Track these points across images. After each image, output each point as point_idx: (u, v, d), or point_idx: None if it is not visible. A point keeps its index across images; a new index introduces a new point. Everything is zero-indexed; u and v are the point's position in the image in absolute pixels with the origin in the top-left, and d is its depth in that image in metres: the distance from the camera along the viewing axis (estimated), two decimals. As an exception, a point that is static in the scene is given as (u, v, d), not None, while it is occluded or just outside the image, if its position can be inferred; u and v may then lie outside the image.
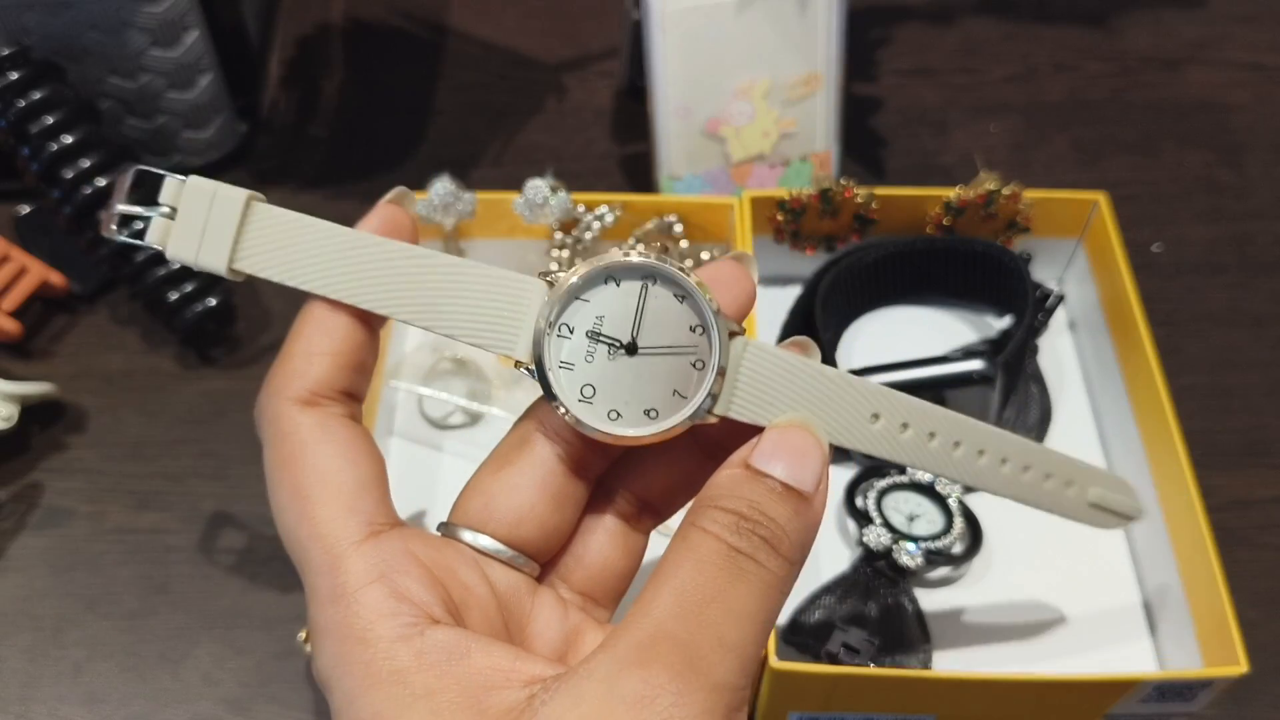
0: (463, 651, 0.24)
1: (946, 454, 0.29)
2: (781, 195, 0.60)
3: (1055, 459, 0.33)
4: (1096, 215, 0.61)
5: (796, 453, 0.26)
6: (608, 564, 0.30)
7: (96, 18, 0.62)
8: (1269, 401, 0.63)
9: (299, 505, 0.26)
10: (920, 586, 0.55)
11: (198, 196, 0.28)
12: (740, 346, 0.27)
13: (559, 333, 0.27)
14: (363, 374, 0.28)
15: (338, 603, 0.25)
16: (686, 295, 0.27)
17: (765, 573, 0.25)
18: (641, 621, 0.24)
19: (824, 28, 0.64)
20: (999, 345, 0.60)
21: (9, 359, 0.64)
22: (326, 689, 0.25)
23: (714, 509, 0.25)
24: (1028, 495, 0.32)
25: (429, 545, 0.27)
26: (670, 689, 0.23)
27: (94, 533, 0.58)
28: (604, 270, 0.27)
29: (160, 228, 0.29)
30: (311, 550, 0.25)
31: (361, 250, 0.28)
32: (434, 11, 0.82)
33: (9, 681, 0.53)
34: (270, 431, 0.27)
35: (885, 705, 0.49)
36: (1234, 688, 0.48)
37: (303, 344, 0.28)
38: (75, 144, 0.60)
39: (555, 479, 0.28)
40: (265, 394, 0.28)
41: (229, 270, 0.28)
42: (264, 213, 0.28)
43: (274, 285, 0.69)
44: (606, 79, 0.78)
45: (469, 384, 0.61)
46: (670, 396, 0.27)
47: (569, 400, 0.27)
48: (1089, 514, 0.35)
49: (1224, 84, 0.79)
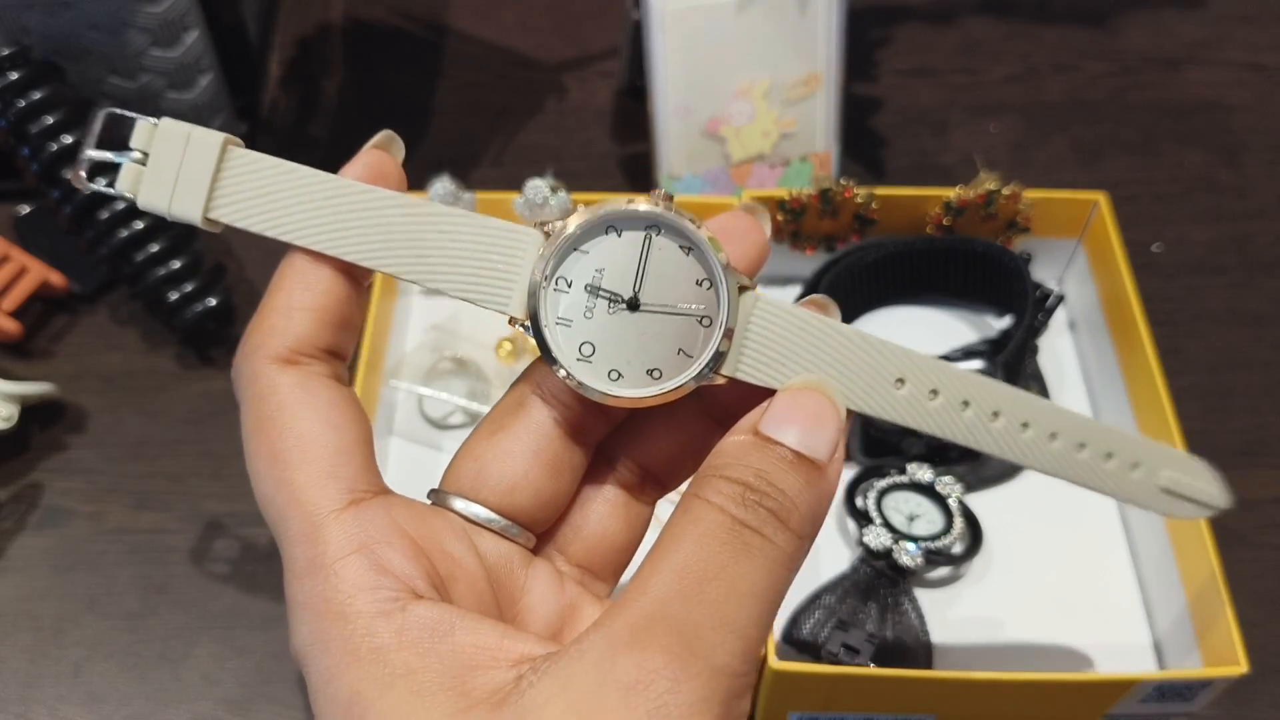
0: (447, 628, 0.23)
1: (983, 425, 0.26)
2: (781, 195, 0.60)
3: (1116, 436, 0.29)
4: (1096, 215, 0.61)
5: (810, 418, 0.24)
6: (607, 535, 0.28)
7: (96, 18, 0.62)
8: (1269, 401, 0.63)
9: (276, 471, 0.24)
10: (920, 586, 0.55)
11: (171, 140, 0.26)
12: (750, 302, 0.25)
13: (556, 286, 0.25)
14: (347, 330, 0.27)
15: (315, 575, 0.23)
16: (693, 247, 0.25)
17: (772, 548, 0.23)
18: (638, 599, 0.23)
19: (824, 28, 0.64)
20: (999, 345, 0.60)
21: (9, 359, 0.64)
22: (304, 665, 0.23)
23: (719, 478, 0.24)
24: (1085, 476, 0.28)
25: (414, 514, 0.25)
26: (667, 673, 0.21)
27: (94, 533, 0.58)
28: (604, 219, 0.25)
29: (131, 174, 0.27)
30: (289, 518, 0.24)
31: (346, 198, 0.26)
32: (434, 11, 0.82)
33: (9, 681, 0.53)
34: (247, 392, 0.26)
35: (885, 705, 0.49)
36: (1234, 688, 0.48)
37: (282, 298, 0.26)
38: (75, 144, 0.60)
39: (551, 444, 0.27)
40: (242, 352, 0.26)
41: (204, 220, 0.27)
42: (241, 158, 0.26)
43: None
44: (606, 79, 0.78)
45: (469, 384, 0.61)
46: (675, 355, 0.25)
47: (567, 359, 0.26)
48: (1162, 500, 0.30)
49: (1224, 84, 0.79)
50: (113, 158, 0.27)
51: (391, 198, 0.26)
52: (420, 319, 0.64)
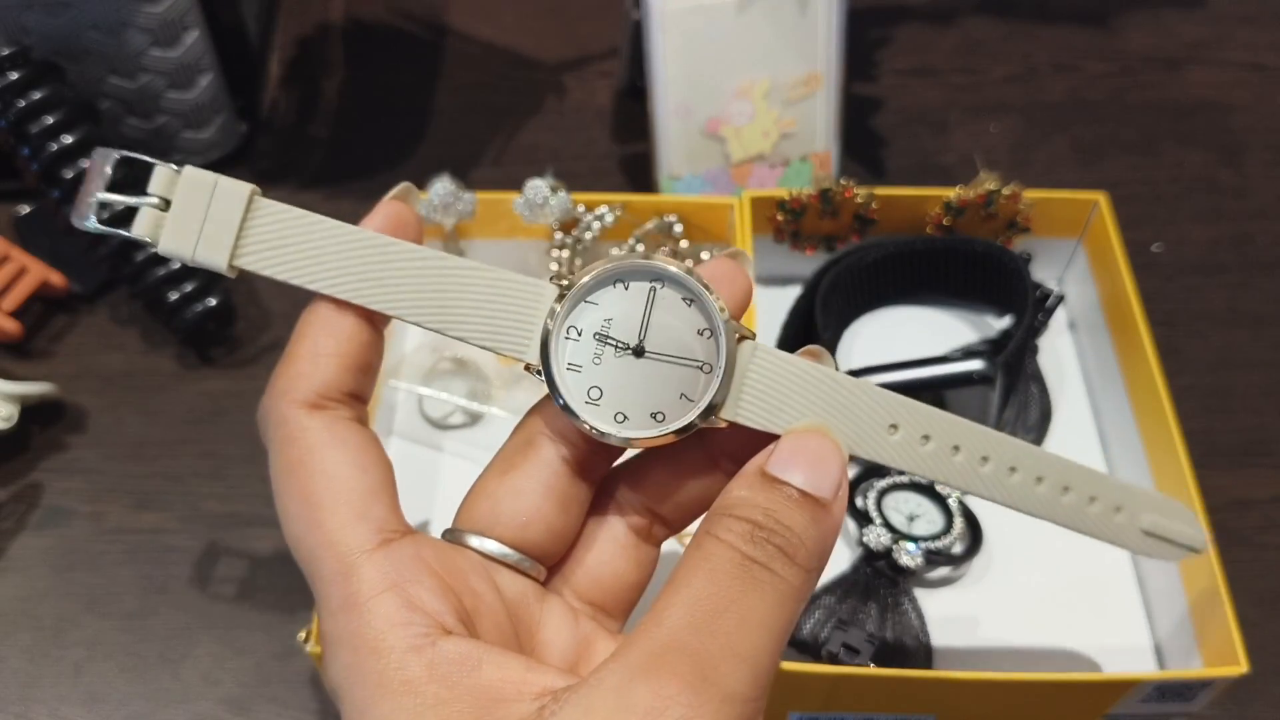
0: (474, 663, 0.24)
1: (973, 470, 0.28)
2: (781, 195, 0.60)
3: (1099, 480, 0.30)
4: (1096, 215, 0.61)
5: (814, 459, 0.25)
6: (618, 576, 0.30)
7: (96, 18, 0.62)
8: (1269, 401, 0.63)
9: (308, 512, 0.26)
10: (920, 586, 0.55)
11: (196, 189, 0.27)
12: (749, 350, 0.27)
13: (567, 335, 0.27)
14: (368, 375, 0.28)
15: (350, 612, 0.24)
16: (694, 299, 0.27)
17: (780, 582, 0.24)
18: (653, 631, 0.24)
19: (824, 28, 0.64)
20: (999, 345, 0.60)
21: (9, 359, 0.64)
22: (337, 698, 0.25)
23: (728, 517, 0.25)
24: (1069, 519, 0.30)
25: (440, 553, 0.26)
26: (681, 700, 0.22)
27: (94, 533, 0.58)
28: (613, 273, 0.27)
29: (150, 220, 0.27)
30: (323, 559, 0.25)
31: (369, 250, 0.27)
32: (434, 11, 0.82)
33: (9, 681, 0.53)
34: (277, 435, 0.27)
35: (885, 705, 0.49)
36: (1234, 688, 0.48)
37: (308, 345, 0.27)
38: (75, 144, 0.60)
39: (560, 482, 0.28)
40: (270, 396, 0.27)
41: (229, 267, 0.27)
42: (267, 208, 0.27)
43: (274, 285, 0.69)
44: (606, 79, 0.78)
45: (469, 384, 0.61)
46: (677, 400, 0.27)
47: (575, 402, 0.27)
48: (1144, 543, 0.32)
49: (1224, 84, 0.79)
50: (130, 202, 0.27)
51: (413, 250, 0.27)
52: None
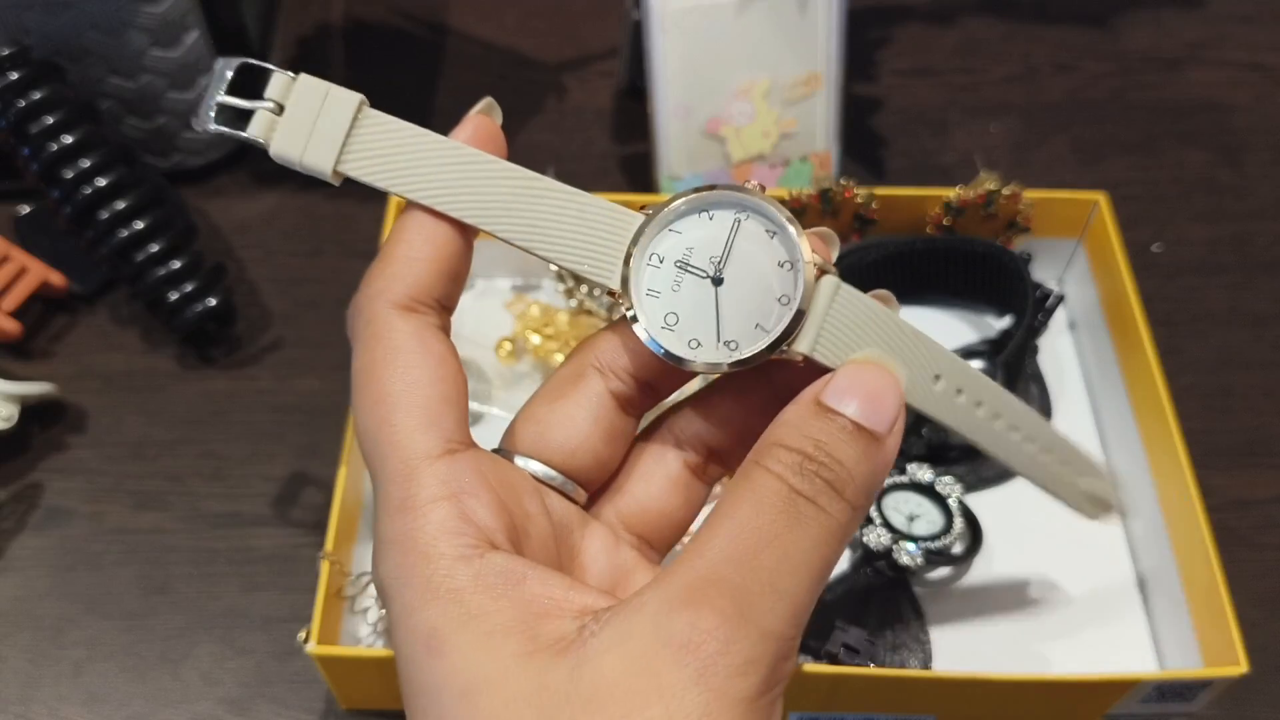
0: (519, 578, 0.24)
1: (988, 424, 0.29)
2: (781, 195, 0.60)
3: (1063, 444, 0.33)
4: (1096, 215, 0.61)
5: (872, 391, 0.25)
6: (665, 511, 0.30)
7: (96, 18, 0.62)
8: (1269, 401, 0.63)
9: (383, 411, 0.26)
10: (920, 586, 0.55)
11: (309, 94, 0.28)
12: (830, 287, 0.26)
13: (649, 261, 0.28)
14: (458, 284, 0.28)
15: (406, 514, 0.25)
16: (778, 231, 0.27)
17: (826, 518, 0.24)
18: (694, 561, 0.24)
19: (824, 28, 0.64)
20: (999, 345, 0.60)
21: (9, 359, 0.64)
22: (386, 597, 0.25)
23: (778, 446, 0.25)
24: (1037, 474, 0.32)
25: (500, 470, 0.27)
26: (719, 634, 0.22)
27: (94, 533, 0.58)
28: (699, 203, 0.27)
29: (264, 122, 0.28)
30: (388, 457, 0.26)
31: (470, 165, 0.28)
32: (434, 11, 0.82)
33: (9, 681, 0.53)
34: (366, 333, 0.27)
35: (885, 705, 0.49)
36: (1234, 688, 0.48)
37: (404, 248, 0.27)
38: (75, 144, 0.60)
39: (608, 414, 0.29)
40: (364, 295, 0.27)
41: (333, 172, 0.28)
42: (373, 117, 0.28)
43: (274, 285, 0.68)
44: (606, 79, 0.78)
45: (469, 384, 0.61)
46: (752, 329, 0.27)
47: (653, 326, 0.27)
48: (1077, 498, 0.35)
49: (1224, 84, 0.79)
50: (248, 106, 0.28)
51: (510, 169, 0.28)
52: (420, 319, 0.64)
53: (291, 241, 0.69)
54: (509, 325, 0.64)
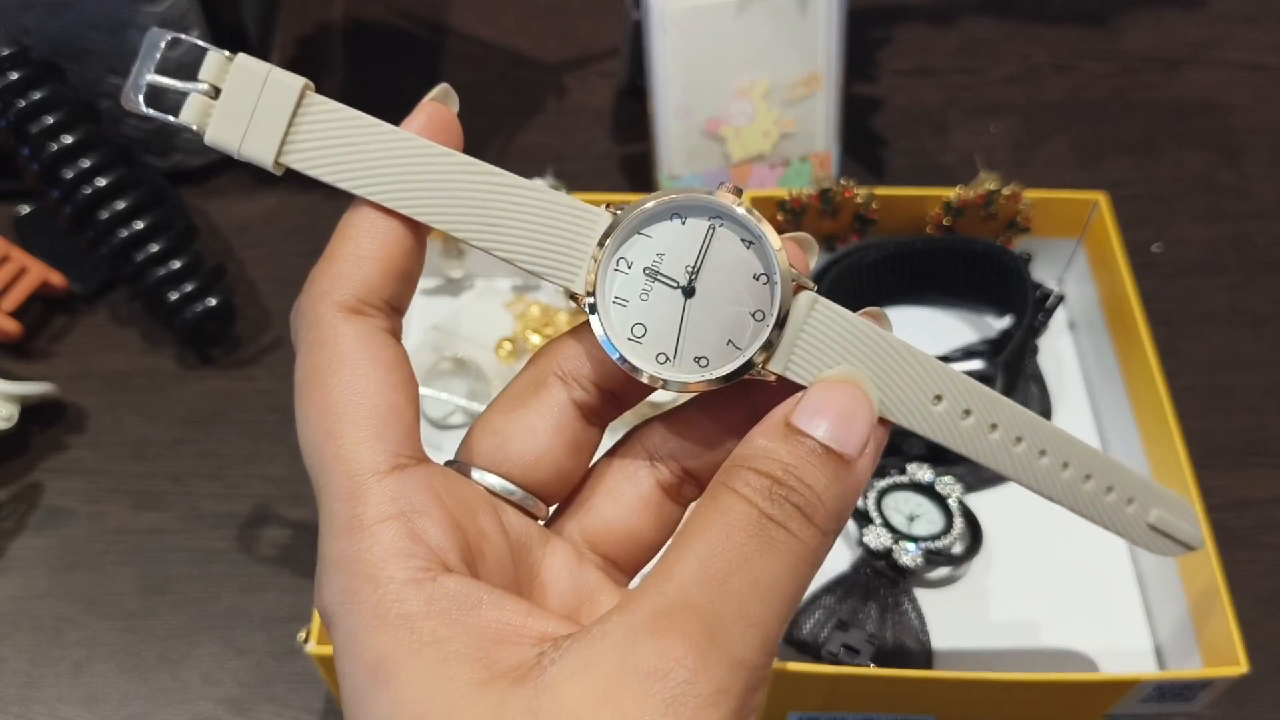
0: (474, 602, 0.23)
1: (1006, 449, 0.27)
2: (781, 195, 0.60)
3: (1119, 471, 0.30)
4: (1096, 215, 0.61)
5: (842, 412, 0.24)
6: (634, 533, 0.28)
7: (96, 18, 0.62)
8: (1269, 401, 0.63)
9: (328, 422, 0.24)
10: (920, 586, 0.55)
11: (248, 77, 0.26)
12: (807, 302, 0.25)
13: (616, 266, 0.26)
14: (409, 285, 0.26)
15: (352, 534, 0.23)
16: (754, 241, 0.26)
17: (796, 543, 0.23)
18: (662, 585, 0.23)
19: (824, 28, 0.64)
20: (999, 345, 0.60)
21: (9, 359, 0.64)
22: (330, 624, 0.24)
23: (748, 470, 0.24)
24: (1084, 506, 0.29)
25: (452, 486, 0.25)
26: (687, 663, 0.21)
27: (94, 533, 0.58)
28: (670, 206, 0.26)
29: (198, 106, 0.26)
30: (334, 473, 0.24)
31: (422, 158, 0.26)
32: (434, 11, 0.82)
33: (9, 681, 0.53)
34: (310, 337, 0.25)
35: (885, 705, 0.49)
36: (1234, 688, 0.48)
37: (350, 246, 0.26)
38: (75, 144, 0.60)
39: (571, 424, 0.27)
40: (307, 296, 0.25)
41: (274, 163, 0.26)
42: (319, 105, 0.26)
43: (274, 285, 0.68)
44: (606, 79, 0.78)
45: (469, 384, 0.61)
46: (724, 346, 0.25)
47: (618, 338, 0.26)
48: (1146, 536, 0.31)
49: (1224, 84, 0.79)
50: (178, 86, 0.26)
51: (466, 162, 0.26)
52: (420, 319, 0.64)
53: (291, 241, 0.69)
54: (509, 325, 0.64)
